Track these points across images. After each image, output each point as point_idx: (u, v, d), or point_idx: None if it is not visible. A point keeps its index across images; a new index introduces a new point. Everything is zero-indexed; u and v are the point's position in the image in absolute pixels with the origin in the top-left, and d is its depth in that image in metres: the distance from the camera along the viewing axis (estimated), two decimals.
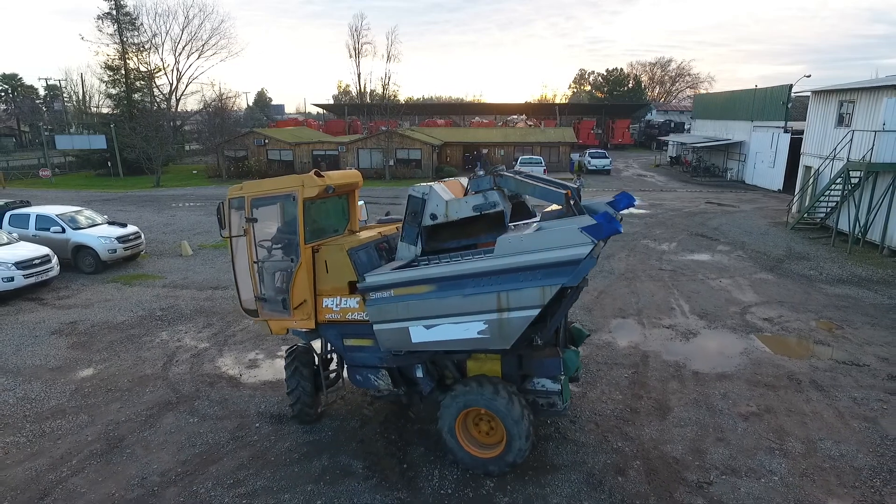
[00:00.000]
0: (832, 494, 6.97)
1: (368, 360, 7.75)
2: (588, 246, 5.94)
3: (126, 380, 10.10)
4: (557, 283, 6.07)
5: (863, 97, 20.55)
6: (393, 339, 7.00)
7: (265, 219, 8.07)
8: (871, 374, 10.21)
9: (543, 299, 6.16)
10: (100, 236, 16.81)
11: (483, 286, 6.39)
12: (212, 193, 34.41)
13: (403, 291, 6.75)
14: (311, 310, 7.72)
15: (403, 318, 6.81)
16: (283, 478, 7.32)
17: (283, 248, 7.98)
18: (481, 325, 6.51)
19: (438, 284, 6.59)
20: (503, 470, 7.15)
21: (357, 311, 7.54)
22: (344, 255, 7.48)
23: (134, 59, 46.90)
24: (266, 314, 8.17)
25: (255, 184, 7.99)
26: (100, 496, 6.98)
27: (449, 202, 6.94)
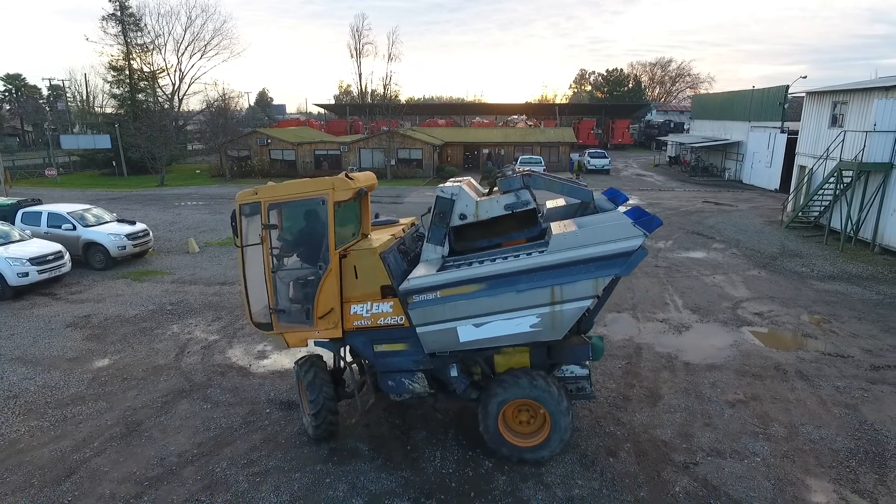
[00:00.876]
0: (810, 474, 7.41)
1: (403, 365, 7.53)
2: (640, 238, 6.45)
3: (140, 369, 10.55)
4: (611, 274, 6.57)
5: (855, 98, 20.98)
6: (439, 340, 7.08)
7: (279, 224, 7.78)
8: (855, 364, 10.65)
9: (597, 290, 6.66)
10: (110, 233, 17.27)
11: (536, 281, 6.68)
12: (215, 193, 34.88)
13: (451, 292, 6.82)
14: (338, 318, 7.41)
15: (451, 319, 6.90)
16: (293, 458, 7.77)
17: (306, 255, 7.66)
18: (534, 319, 6.83)
19: (489, 283, 6.76)
20: (544, 457, 7.44)
21: (390, 316, 7.32)
22: (377, 259, 7.30)
23: (138, 60, 47.40)
24: (283, 326, 7.65)
25: (272, 188, 7.46)
26: (122, 474, 7.43)
27: (479, 202, 7.28)
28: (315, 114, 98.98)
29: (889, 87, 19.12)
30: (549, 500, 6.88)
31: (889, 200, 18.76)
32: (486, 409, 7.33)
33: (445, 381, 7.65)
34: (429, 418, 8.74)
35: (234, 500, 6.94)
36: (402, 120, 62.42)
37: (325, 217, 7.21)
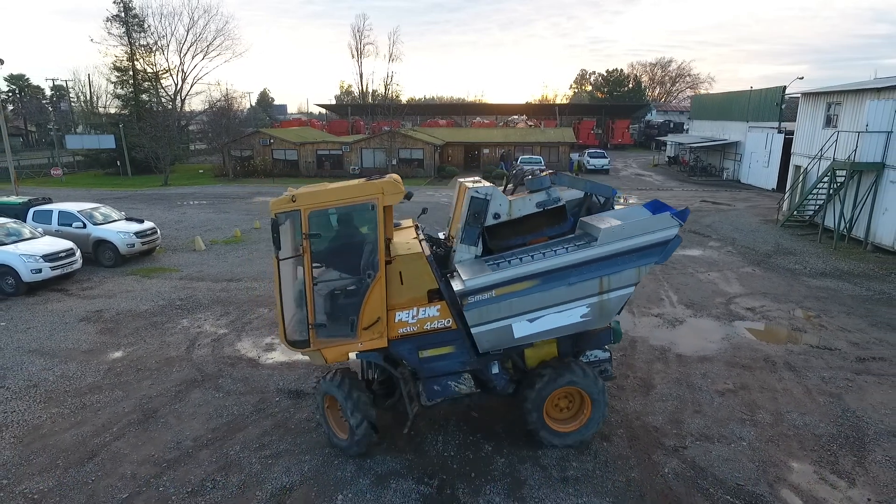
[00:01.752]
0: (793, 456, 7.82)
1: (450, 367, 7.56)
2: (676, 228, 7.11)
3: (154, 361, 10.97)
4: (652, 261, 7.21)
5: (848, 99, 21.38)
6: (494, 338, 7.26)
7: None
8: (842, 357, 11.06)
9: (639, 277, 7.25)
10: (119, 231, 17.69)
11: (587, 273, 7.09)
12: (219, 192, 35.30)
13: (506, 290, 6.98)
14: (384, 327, 7.25)
15: (507, 316, 7.09)
16: (303, 442, 8.18)
17: (347, 263, 7.39)
18: (584, 310, 7.24)
19: (542, 278, 7.04)
20: (586, 438, 7.92)
21: (437, 320, 7.34)
22: (424, 263, 7.29)
23: (141, 61, 47.86)
24: (321, 342, 7.31)
25: (311, 194, 7.04)
26: (142, 457, 7.85)
27: (513, 201, 7.62)
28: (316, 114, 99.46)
29: (881, 89, 19.52)
30: (545, 480, 7.29)
31: (881, 199, 19.17)
32: (533, 400, 7.58)
33: (485, 379, 7.77)
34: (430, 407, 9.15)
35: (247, 480, 7.36)
36: (404, 120, 62.86)
37: (372, 223, 7.09)
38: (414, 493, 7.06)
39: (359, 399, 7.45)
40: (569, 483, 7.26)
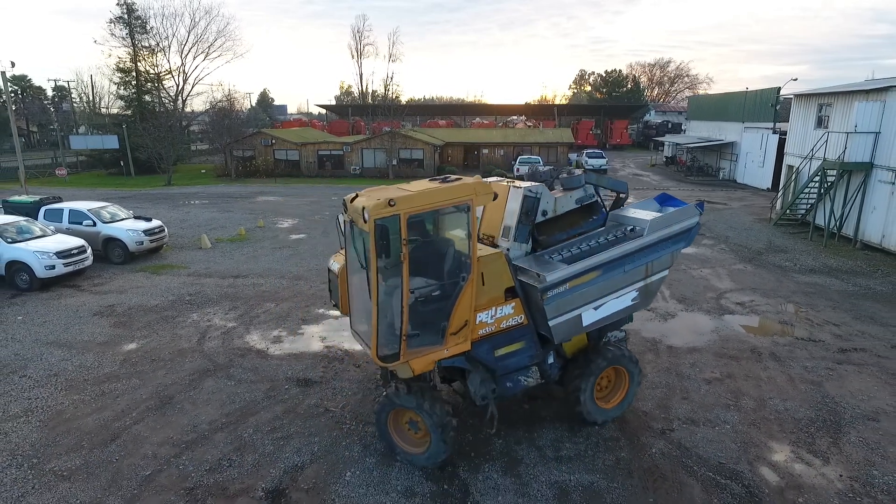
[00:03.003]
0: (773, 438, 8.34)
1: (521, 363, 7.80)
2: (698, 216, 8.40)
3: (167, 352, 11.47)
4: (682, 246, 8.37)
5: (839, 101, 21.90)
6: (567, 328, 7.72)
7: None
8: (825, 348, 11.57)
9: (673, 261, 8.34)
10: (128, 229, 18.18)
11: (637, 260, 7.92)
12: (222, 192, 35.78)
13: (577, 282, 7.45)
14: (469, 331, 7.22)
15: (578, 306, 7.61)
16: (312, 426, 8.69)
17: (434, 268, 7.13)
18: (634, 294, 8.09)
19: (605, 268, 7.66)
20: (624, 410, 8.80)
21: (512, 317, 7.54)
22: (503, 262, 7.38)
23: (144, 62, 48.33)
24: (411, 352, 7.00)
25: (409, 198, 6.61)
26: (161, 438, 8.35)
27: (557, 198, 8.14)
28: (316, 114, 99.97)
29: (869, 91, 20.03)
30: (539, 459, 7.80)
31: (869, 198, 19.69)
32: (584, 384, 8.20)
33: (541, 369, 8.12)
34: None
35: (261, 459, 7.86)
36: (404, 120, 63.36)
37: (465, 224, 7.01)
38: (417, 472, 7.56)
39: (442, 410, 7.33)
40: (562, 462, 7.77)
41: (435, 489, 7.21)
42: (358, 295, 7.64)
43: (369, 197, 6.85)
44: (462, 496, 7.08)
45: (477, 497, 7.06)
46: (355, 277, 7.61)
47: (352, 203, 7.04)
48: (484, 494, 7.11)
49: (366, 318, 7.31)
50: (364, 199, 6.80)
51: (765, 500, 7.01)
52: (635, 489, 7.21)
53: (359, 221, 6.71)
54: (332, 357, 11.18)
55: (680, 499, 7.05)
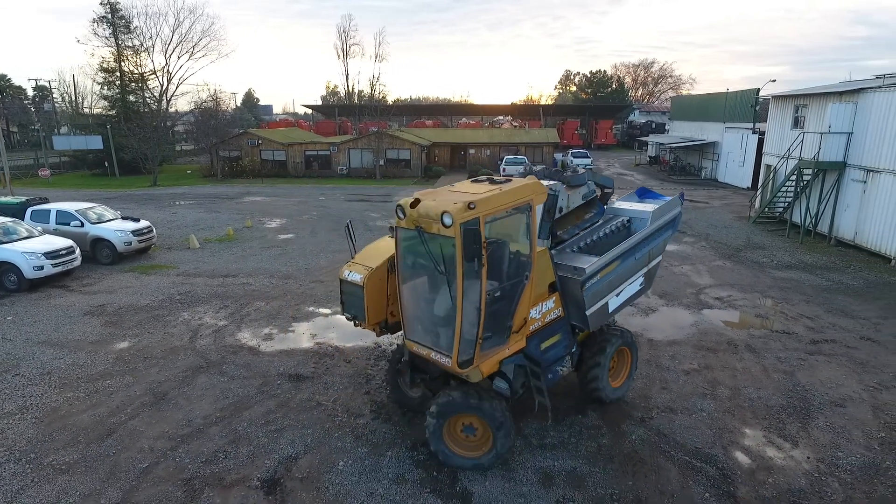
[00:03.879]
0: (746, 424, 8.76)
1: (559, 353, 8.15)
2: (681, 206, 9.57)
3: (159, 350, 11.63)
4: (671, 233, 9.38)
5: (813, 102, 22.58)
6: (600, 316, 8.23)
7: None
8: (797, 339, 12.07)
9: (665, 246, 9.26)
10: (116, 230, 18.23)
11: (643, 248, 8.69)
12: (209, 192, 35.72)
13: (605, 271, 7.99)
14: (527, 327, 7.38)
15: (605, 294, 8.18)
16: (305, 419, 8.94)
17: (497, 268, 7.14)
18: (641, 279, 8.88)
19: (623, 256, 8.28)
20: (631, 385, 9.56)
21: (554, 311, 7.84)
22: (547, 257, 7.56)
23: (128, 62, 47.95)
24: (482, 355, 6.98)
25: (486, 200, 6.57)
26: (157, 433, 8.55)
27: (570, 195, 8.61)
28: (302, 114, 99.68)
29: (842, 93, 20.70)
30: (525, 447, 8.14)
31: (843, 196, 20.36)
32: (600, 367, 8.71)
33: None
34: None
35: (255, 451, 8.10)
36: (390, 120, 63.51)
37: (527, 224, 7.11)
38: (408, 460, 7.86)
39: (502, 407, 7.29)
40: (547, 449, 8.11)
41: (424, 476, 7.51)
42: (418, 303, 7.45)
43: (437, 201, 6.63)
44: (451, 482, 7.39)
45: (465, 483, 7.37)
46: (413, 285, 7.38)
47: (414, 208, 6.71)
48: (472, 481, 7.42)
49: (429, 326, 7.30)
50: (432, 204, 6.58)
51: (737, 481, 7.41)
52: (616, 473, 7.57)
53: (432, 227, 6.49)
54: (322, 353, 11.42)
55: (658, 481, 7.42)
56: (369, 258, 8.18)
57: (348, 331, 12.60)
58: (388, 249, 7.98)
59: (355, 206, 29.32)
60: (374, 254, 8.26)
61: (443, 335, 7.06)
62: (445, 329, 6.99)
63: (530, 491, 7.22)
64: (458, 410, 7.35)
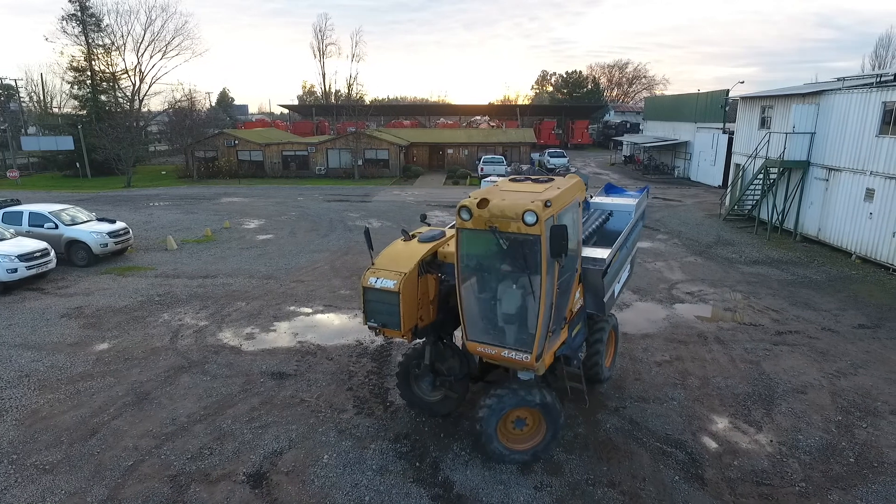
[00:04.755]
0: (714, 411, 9.19)
1: (579, 341, 8.58)
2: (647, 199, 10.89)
3: (140, 351, 11.62)
4: (643, 223, 10.52)
5: (779, 103, 23.40)
6: (610, 302, 8.78)
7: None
8: (763, 331, 12.61)
9: (640, 236, 10.26)
10: (92, 231, 18.01)
11: (631, 237, 9.51)
12: (185, 193, 35.31)
13: (613, 260, 8.44)
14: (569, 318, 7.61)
15: (612, 281, 8.64)
16: (289, 415, 9.09)
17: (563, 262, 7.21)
18: (629, 265, 9.72)
19: (623, 245, 8.94)
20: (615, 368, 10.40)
21: (578, 300, 8.04)
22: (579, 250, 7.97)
23: (99, 61, 47.00)
24: (548, 348, 7.15)
25: (557, 197, 6.81)
26: (141, 431, 8.61)
27: None
28: (279, 114, 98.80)
29: (805, 94, 21.52)
30: None
31: (807, 194, 21.17)
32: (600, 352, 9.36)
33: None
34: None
35: (241, 447, 8.23)
36: (368, 121, 63.45)
37: (577, 218, 7.42)
38: (391, 452, 8.08)
39: (554, 398, 7.55)
40: None
41: (407, 466, 7.74)
42: (482, 304, 7.41)
43: (508, 201, 6.70)
44: (433, 472, 7.64)
45: (447, 472, 7.63)
46: (476, 286, 7.36)
47: (483, 208, 6.68)
48: (454, 470, 7.68)
49: (497, 326, 7.32)
50: (507, 203, 6.64)
51: (705, 465, 7.81)
52: (591, 459, 7.91)
53: (510, 226, 6.52)
54: (305, 351, 11.56)
55: (631, 466, 7.78)
56: (395, 263, 7.77)
57: (330, 329, 12.77)
58: (411, 253, 7.89)
59: (334, 207, 29.34)
60: (398, 258, 7.89)
61: (512, 333, 7.15)
62: (514, 327, 7.10)
63: (509, 479, 7.50)
64: (517, 405, 7.41)
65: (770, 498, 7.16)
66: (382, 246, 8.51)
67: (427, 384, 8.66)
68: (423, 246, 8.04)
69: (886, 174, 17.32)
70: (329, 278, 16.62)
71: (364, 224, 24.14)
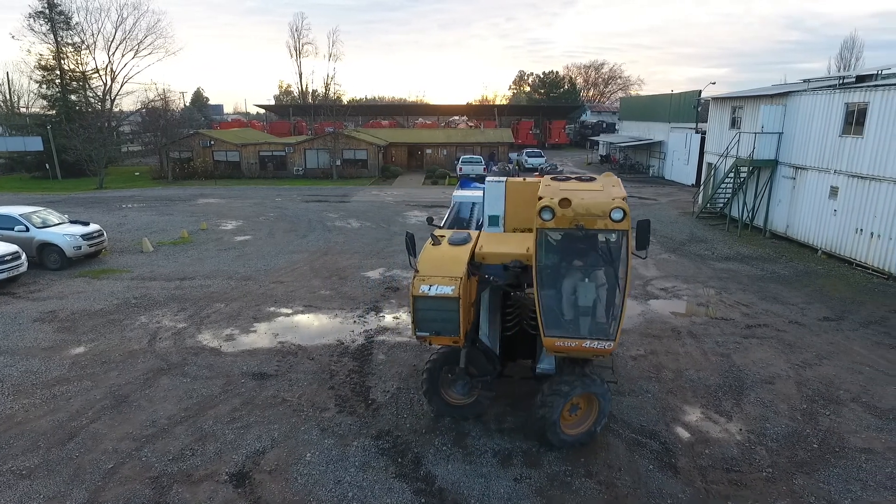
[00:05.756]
0: (686, 402, 9.50)
1: None
2: None
3: (117, 354, 11.50)
4: None
5: (748, 104, 24.08)
6: None
7: None
8: (734, 325, 13.03)
9: None
10: (65, 234, 17.69)
11: None
12: (159, 195, 34.77)
13: None
14: None
15: None
16: (271, 415, 9.12)
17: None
18: None
19: None
20: None
21: None
22: None
23: (69, 60, 45.94)
24: None
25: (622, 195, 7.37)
26: (120, 434, 8.56)
27: None
28: (255, 114, 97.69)
29: (773, 95, 22.20)
30: (484, 431, 8.61)
31: (776, 192, 21.84)
32: None
33: None
34: (385, 378, 10.30)
35: (223, 447, 8.25)
36: (346, 121, 63.18)
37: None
38: (373, 448, 8.19)
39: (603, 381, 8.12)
40: (505, 433, 8.60)
41: (389, 462, 7.86)
42: (561, 300, 7.62)
43: (587, 200, 7.12)
44: (415, 467, 7.77)
45: (429, 467, 7.76)
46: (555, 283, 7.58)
47: (566, 208, 7.03)
48: (435, 464, 7.82)
49: (576, 318, 7.63)
50: (590, 202, 7.07)
51: (678, 454, 8.09)
52: (569, 451, 8.12)
53: (596, 223, 6.98)
54: (286, 352, 11.58)
55: (607, 457, 8.02)
56: (442, 268, 7.78)
57: (310, 329, 12.80)
58: (454, 257, 7.99)
59: (313, 207, 29.22)
60: (442, 264, 7.89)
61: (591, 325, 7.56)
62: (594, 318, 7.54)
63: (490, 471, 7.68)
64: (583, 392, 7.85)
65: (739, 484, 7.46)
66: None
67: (462, 387, 8.67)
68: (462, 249, 8.15)
69: (849, 173, 17.99)
70: (309, 279, 16.61)
71: (344, 224, 24.16)
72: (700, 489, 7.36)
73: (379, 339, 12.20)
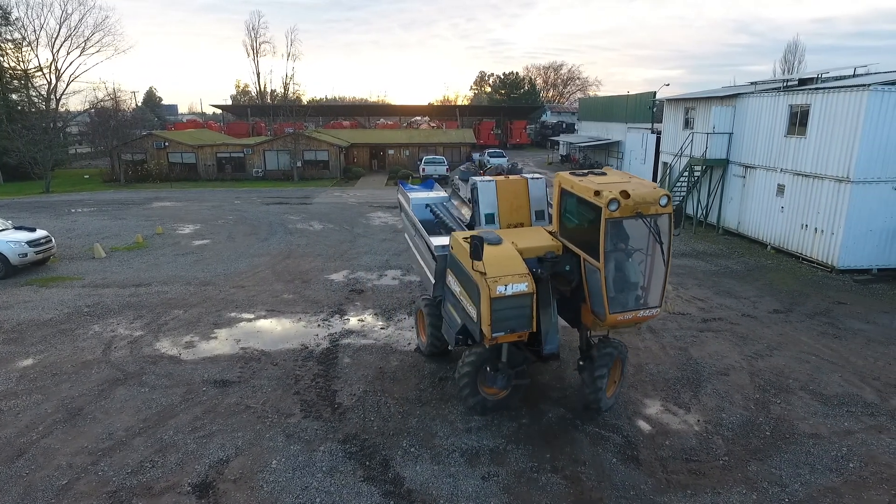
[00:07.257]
0: (647, 396, 9.80)
1: None
2: None
3: (69, 365, 11.03)
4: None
5: (700, 105, 24.95)
6: None
7: None
8: (691, 319, 13.49)
9: None
10: (9, 241, 16.85)
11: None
12: (111, 198, 33.48)
13: None
14: None
15: None
16: (234, 423, 8.93)
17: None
18: None
19: None
20: None
21: None
22: None
23: (9, 57, 43.72)
24: None
25: None
26: (74, 449, 8.22)
27: None
28: (211, 115, 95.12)
29: (723, 97, 23.07)
30: (452, 431, 8.66)
31: (727, 190, 22.70)
32: None
33: None
34: (351, 381, 10.23)
35: (185, 458, 8.03)
36: (307, 121, 62.27)
37: None
38: (340, 452, 8.13)
39: None
40: (472, 432, 8.67)
41: (357, 466, 7.82)
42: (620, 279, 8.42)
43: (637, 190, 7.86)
44: (383, 469, 7.75)
45: (397, 469, 7.76)
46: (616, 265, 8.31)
47: (628, 199, 7.70)
48: (403, 466, 7.82)
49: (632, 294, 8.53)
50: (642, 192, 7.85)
51: (640, 446, 8.33)
52: (535, 447, 8.26)
53: (650, 209, 7.84)
54: (248, 357, 11.35)
55: (572, 451, 8.19)
56: (506, 267, 8.08)
57: (273, 334, 12.59)
58: (508, 254, 8.34)
59: (273, 210, 28.70)
60: (503, 262, 8.15)
61: (644, 296, 8.51)
62: (645, 291, 8.50)
63: (458, 471, 7.73)
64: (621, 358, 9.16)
65: (698, 473, 7.74)
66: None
67: (503, 380, 8.81)
68: (509, 247, 8.58)
69: (794, 171, 18.88)
70: (271, 283, 16.32)
71: (306, 226, 23.81)
72: (661, 480, 7.60)
73: (344, 342, 12.10)
